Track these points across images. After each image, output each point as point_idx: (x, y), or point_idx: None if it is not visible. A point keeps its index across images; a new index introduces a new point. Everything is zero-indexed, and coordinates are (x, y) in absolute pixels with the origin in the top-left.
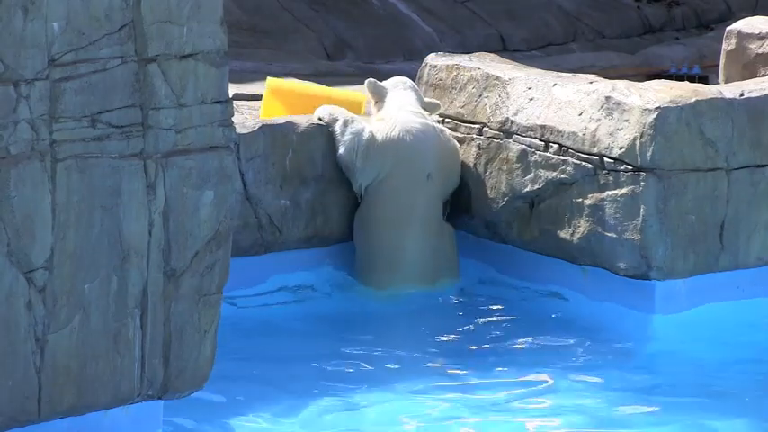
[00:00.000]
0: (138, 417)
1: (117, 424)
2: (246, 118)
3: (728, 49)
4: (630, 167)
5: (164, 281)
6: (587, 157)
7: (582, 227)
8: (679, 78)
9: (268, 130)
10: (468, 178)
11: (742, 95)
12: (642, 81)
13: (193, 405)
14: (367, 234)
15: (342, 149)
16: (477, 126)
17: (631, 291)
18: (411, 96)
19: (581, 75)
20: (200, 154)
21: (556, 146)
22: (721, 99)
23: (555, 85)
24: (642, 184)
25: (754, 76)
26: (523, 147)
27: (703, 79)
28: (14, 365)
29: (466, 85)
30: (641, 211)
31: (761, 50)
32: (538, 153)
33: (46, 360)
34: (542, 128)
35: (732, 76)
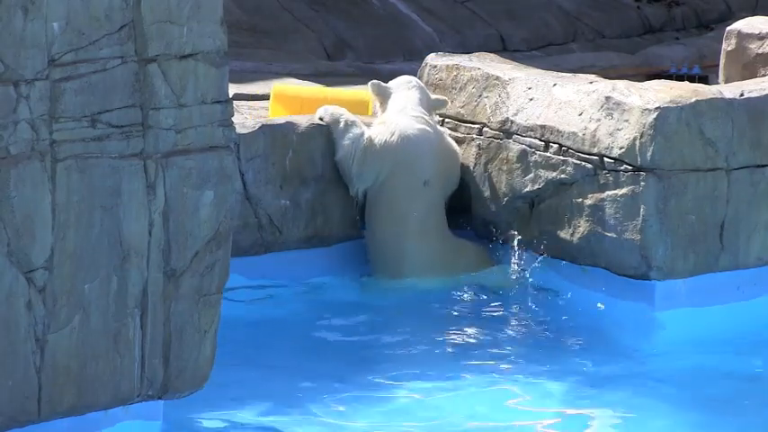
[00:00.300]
0: (138, 417)
1: (117, 424)
2: (246, 118)
3: (728, 49)
4: (630, 167)
5: (164, 281)
6: (587, 157)
7: (582, 227)
8: (679, 78)
9: (268, 130)
10: (468, 178)
11: (742, 95)
12: (642, 81)
13: (193, 405)
14: (371, 235)
15: (339, 153)
16: (477, 126)
17: (631, 291)
18: (415, 97)
19: (581, 75)
20: (200, 154)
21: (556, 146)
22: (721, 99)
23: (555, 85)
24: (642, 184)
25: (754, 76)
26: (523, 147)
27: (703, 79)
28: (14, 365)
29: (466, 85)
30: (641, 211)
31: (761, 50)
32: (538, 153)
33: (46, 360)
34: (542, 128)
35: (732, 76)
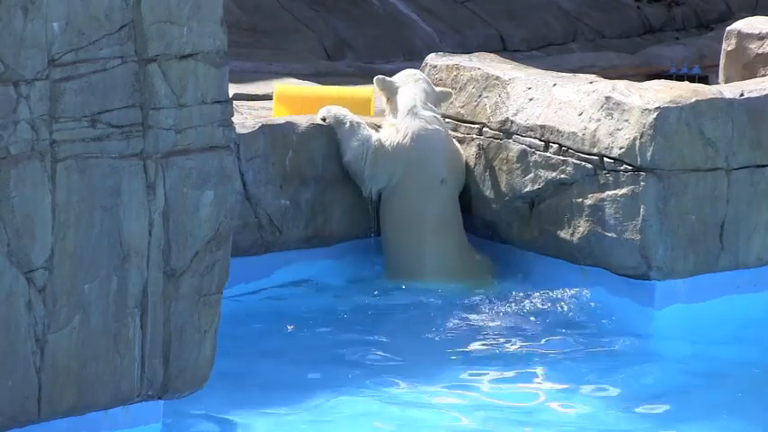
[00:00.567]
0: (138, 417)
1: (117, 424)
2: (246, 118)
3: (728, 49)
4: (630, 167)
5: (164, 281)
6: (587, 157)
7: (582, 227)
8: (679, 78)
9: (268, 130)
10: (469, 178)
11: (742, 95)
12: (642, 81)
13: (193, 405)
14: (387, 236)
15: (349, 155)
16: (477, 126)
17: (631, 291)
18: (421, 91)
19: (581, 75)
20: (200, 154)
21: (556, 146)
22: (721, 99)
23: (555, 85)
24: (642, 184)
25: (754, 76)
26: (523, 147)
27: (703, 79)
28: (14, 365)
29: (466, 85)
30: (641, 211)
31: (761, 50)
32: (538, 153)
33: (46, 360)
34: (542, 128)
35: (732, 76)
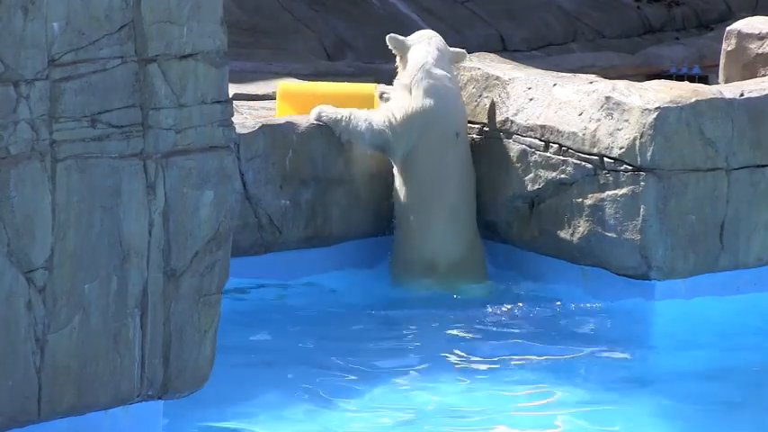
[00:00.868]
0: (138, 417)
1: (117, 424)
2: (246, 118)
3: (728, 49)
4: (630, 167)
5: (164, 281)
6: (587, 157)
7: (582, 227)
8: (679, 78)
9: (268, 130)
10: None
11: (742, 95)
12: (642, 81)
13: (193, 405)
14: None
15: (366, 137)
16: (477, 126)
17: (631, 291)
18: (434, 50)
19: (581, 75)
20: (200, 154)
21: (556, 146)
22: (721, 99)
23: (555, 85)
24: (642, 184)
25: (754, 76)
26: (523, 147)
27: (703, 79)
28: (14, 365)
29: (466, 85)
30: (641, 211)
31: (761, 50)
32: (538, 153)
33: (46, 360)
34: (542, 128)
35: (732, 76)
